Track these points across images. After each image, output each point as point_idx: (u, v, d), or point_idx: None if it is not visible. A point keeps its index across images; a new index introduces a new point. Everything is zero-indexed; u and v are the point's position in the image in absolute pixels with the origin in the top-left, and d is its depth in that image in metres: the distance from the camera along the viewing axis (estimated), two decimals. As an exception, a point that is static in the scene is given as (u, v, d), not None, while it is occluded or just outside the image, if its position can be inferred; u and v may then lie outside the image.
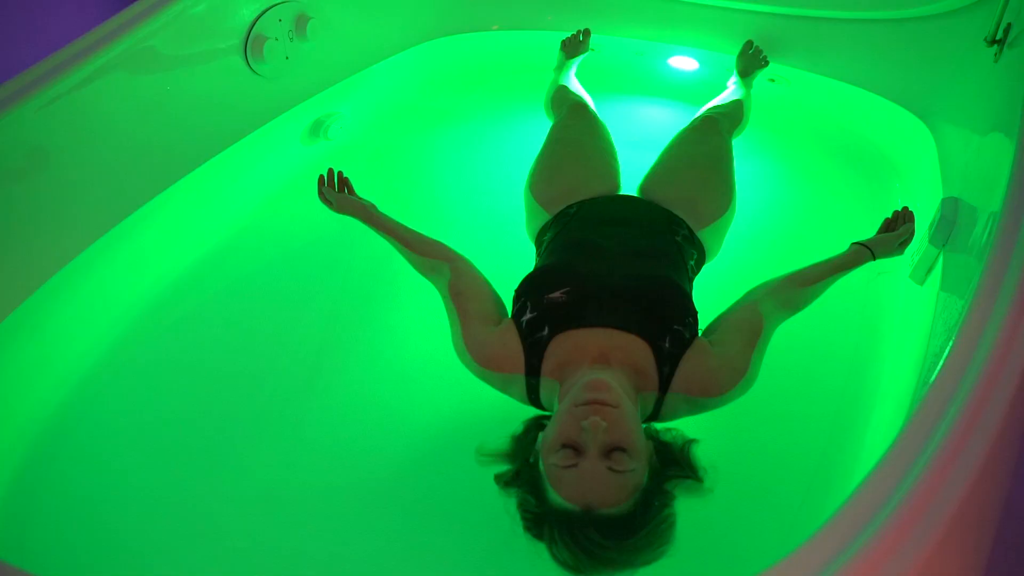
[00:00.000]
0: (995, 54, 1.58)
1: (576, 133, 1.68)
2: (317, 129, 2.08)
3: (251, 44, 1.80)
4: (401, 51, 2.26)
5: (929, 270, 1.53)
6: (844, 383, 1.49)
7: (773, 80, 2.17)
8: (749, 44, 2.08)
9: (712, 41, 2.15)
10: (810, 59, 2.13)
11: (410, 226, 1.40)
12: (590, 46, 2.13)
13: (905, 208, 1.46)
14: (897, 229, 1.42)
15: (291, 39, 1.90)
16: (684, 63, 2.26)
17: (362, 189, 1.52)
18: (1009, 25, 1.54)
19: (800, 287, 1.30)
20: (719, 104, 1.86)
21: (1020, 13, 1.51)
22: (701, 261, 1.45)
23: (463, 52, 2.36)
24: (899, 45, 2.01)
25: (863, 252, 1.36)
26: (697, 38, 2.18)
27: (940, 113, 1.90)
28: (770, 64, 2.05)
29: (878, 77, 2.05)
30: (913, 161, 1.94)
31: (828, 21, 2.09)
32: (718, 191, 1.53)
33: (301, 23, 1.89)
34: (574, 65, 2.05)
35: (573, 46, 2.08)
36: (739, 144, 2.06)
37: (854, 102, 2.09)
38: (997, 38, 1.56)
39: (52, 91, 1.42)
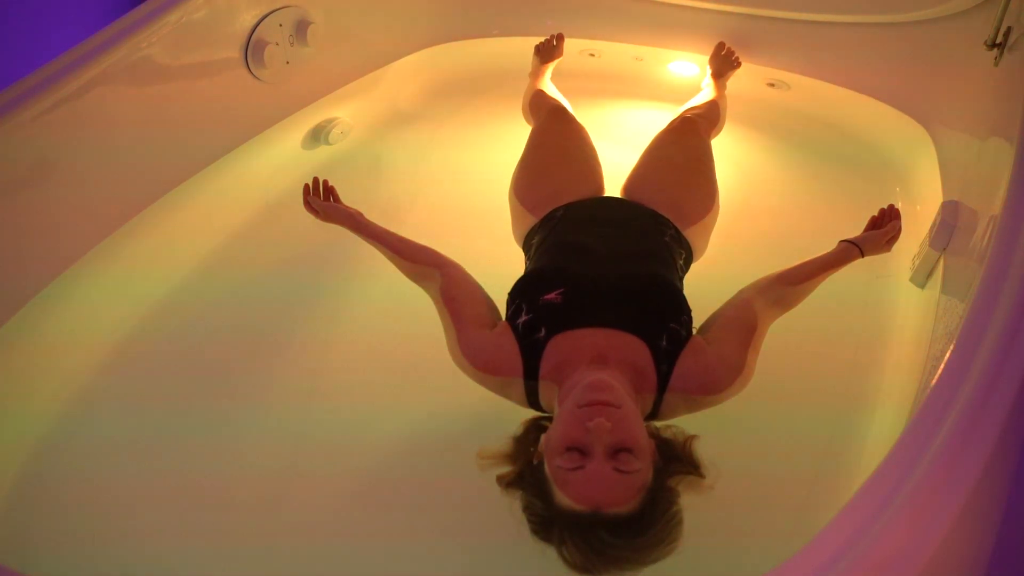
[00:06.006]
0: (995, 58, 1.58)
1: (557, 136, 1.68)
2: (318, 134, 2.08)
3: (252, 49, 1.80)
4: (402, 56, 2.27)
5: (930, 274, 1.53)
6: (845, 386, 1.49)
7: (772, 84, 2.17)
8: (721, 46, 2.09)
9: (710, 46, 2.14)
10: (809, 63, 2.13)
11: (409, 232, 1.39)
12: (566, 50, 2.14)
13: (891, 205, 1.46)
14: (884, 227, 1.42)
15: (292, 44, 1.90)
16: (684, 68, 2.27)
17: (362, 194, 1.52)
18: (1009, 29, 1.54)
19: (791, 285, 1.31)
20: (695, 105, 1.87)
21: (1020, 17, 1.51)
22: (689, 260, 1.45)
23: (463, 58, 2.36)
24: (898, 49, 2.01)
25: (852, 249, 1.36)
26: (696, 43, 2.18)
27: (940, 117, 1.90)
28: (765, 67, 2.05)
29: (878, 81, 2.05)
30: (913, 165, 1.94)
31: (828, 25, 2.09)
32: (702, 191, 1.54)
33: (301, 28, 1.90)
34: (549, 70, 2.05)
35: (547, 51, 2.09)
36: (741, 148, 2.07)
37: (854, 106, 2.09)
38: (997, 42, 1.56)
39: (53, 97, 1.42)
